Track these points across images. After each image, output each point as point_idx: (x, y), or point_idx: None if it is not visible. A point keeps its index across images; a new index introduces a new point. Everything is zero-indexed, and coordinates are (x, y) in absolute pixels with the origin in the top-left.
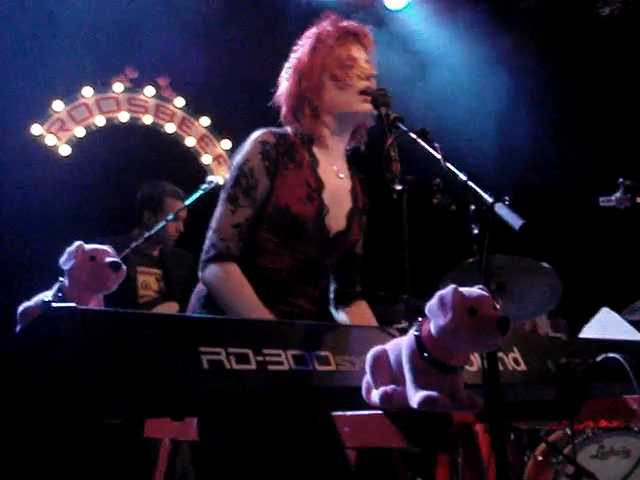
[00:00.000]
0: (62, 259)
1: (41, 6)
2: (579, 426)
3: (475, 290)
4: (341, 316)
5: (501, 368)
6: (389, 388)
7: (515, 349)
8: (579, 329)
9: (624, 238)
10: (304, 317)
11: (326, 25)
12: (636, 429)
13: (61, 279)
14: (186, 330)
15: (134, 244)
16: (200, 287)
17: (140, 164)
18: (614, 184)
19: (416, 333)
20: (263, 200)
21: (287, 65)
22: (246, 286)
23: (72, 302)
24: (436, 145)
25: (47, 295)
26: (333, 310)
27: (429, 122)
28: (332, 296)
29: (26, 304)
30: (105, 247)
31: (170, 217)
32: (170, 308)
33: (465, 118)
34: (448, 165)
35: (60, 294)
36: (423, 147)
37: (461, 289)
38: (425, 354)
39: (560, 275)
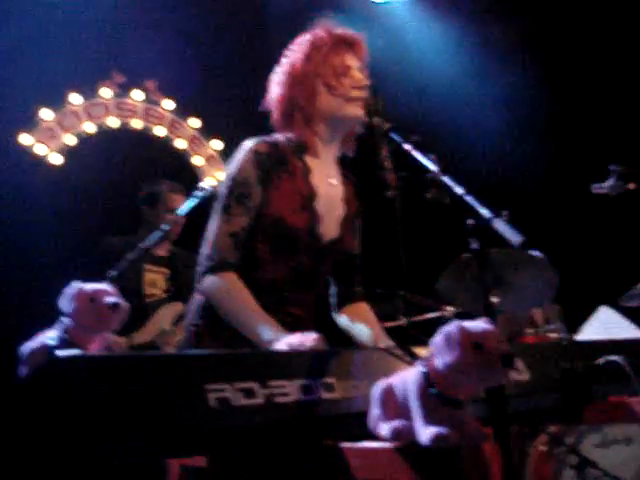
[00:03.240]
0: (62, 301)
1: (25, 14)
2: None
3: (480, 324)
4: (342, 319)
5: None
6: (398, 424)
7: (518, 358)
8: (575, 319)
9: (618, 225)
10: (299, 325)
11: (320, 32)
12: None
13: (62, 319)
14: (191, 368)
15: (147, 244)
16: (197, 298)
17: (132, 169)
18: (606, 171)
19: (423, 369)
20: (257, 210)
21: (278, 69)
22: (246, 294)
23: (76, 343)
24: (431, 156)
25: (50, 336)
26: (334, 313)
27: (417, 117)
28: (333, 300)
29: (30, 345)
30: (103, 286)
31: (181, 212)
32: (175, 309)
33: (454, 111)
34: (444, 178)
35: (64, 335)
36: (418, 159)
37: (466, 324)
38: (432, 390)
39: (556, 265)
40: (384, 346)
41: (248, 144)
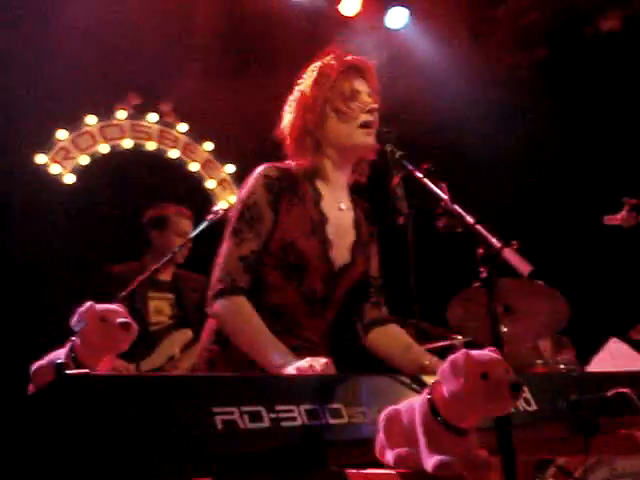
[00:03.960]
0: (73, 320)
1: (42, 37)
2: None
3: (486, 353)
4: (375, 344)
5: (512, 410)
6: (403, 451)
7: (525, 389)
8: (585, 351)
9: (630, 257)
10: (314, 350)
11: (329, 59)
12: None
13: (73, 338)
14: (199, 390)
15: (154, 267)
16: (210, 323)
17: (145, 190)
18: (619, 203)
19: (429, 396)
20: (268, 234)
21: (291, 98)
22: (256, 318)
23: (84, 363)
24: (442, 185)
25: (59, 355)
26: (365, 341)
27: (428, 143)
28: (360, 325)
29: (39, 363)
30: (115, 306)
31: (192, 234)
32: (184, 335)
33: (466, 138)
34: (455, 207)
35: (72, 354)
36: (429, 187)
37: (472, 353)
38: (438, 418)
39: (567, 296)
40: (428, 361)
41: (260, 169)
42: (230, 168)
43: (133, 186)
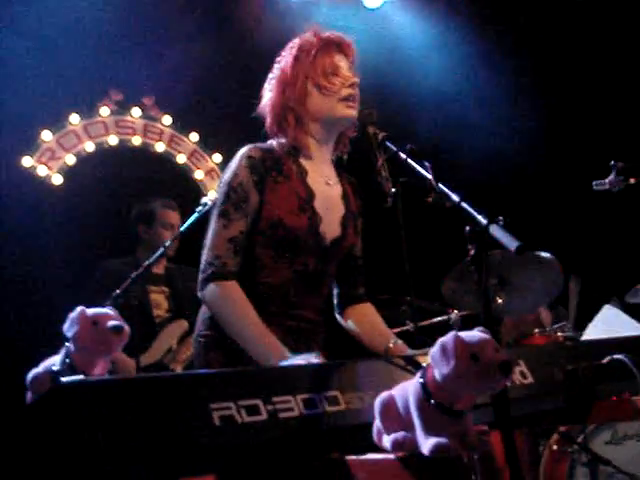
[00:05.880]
0: (65, 326)
1: (21, 37)
2: None
3: (476, 334)
4: (347, 322)
5: (508, 384)
6: (400, 435)
7: (521, 362)
8: (581, 319)
9: (621, 221)
10: (311, 330)
11: (308, 36)
12: None
13: (67, 344)
14: (195, 388)
15: (146, 263)
16: (204, 308)
17: (133, 186)
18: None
19: (421, 380)
20: (255, 214)
21: (270, 76)
22: (246, 305)
23: (80, 368)
24: (426, 164)
25: (55, 361)
26: (338, 316)
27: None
28: (336, 301)
29: (35, 371)
30: (106, 310)
31: (182, 227)
32: (180, 326)
33: (451, 112)
34: (440, 185)
35: (67, 360)
36: (413, 167)
37: (462, 334)
38: (432, 401)
39: (561, 264)
40: (392, 343)
41: (242, 151)
42: (217, 158)
43: (121, 182)
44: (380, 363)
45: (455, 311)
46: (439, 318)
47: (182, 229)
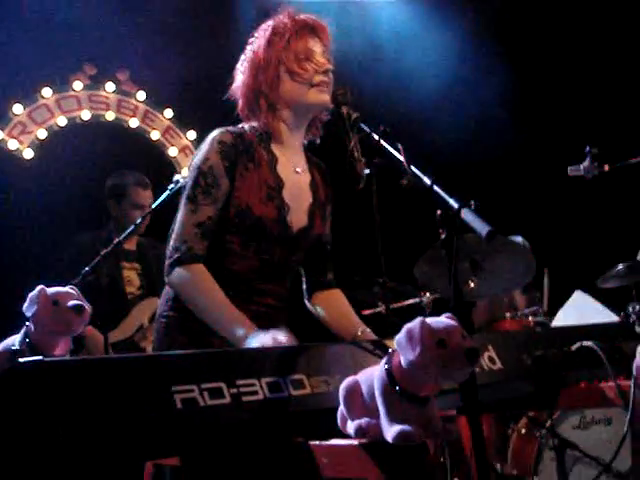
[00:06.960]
0: (25, 305)
1: None
2: None
3: (443, 320)
4: (316, 308)
5: (477, 369)
6: (363, 422)
7: (490, 347)
8: (553, 304)
9: (595, 207)
10: (275, 316)
11: (283, 18)
12: None
13: (27, 324)
14: (157, 370)
15: (116, 240)
16: (167, 289)
17: (106, 161)
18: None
19: (386, 366)
20: (224, 200)
21: (243, 57)
22: (215, 287)
23: (40, 348)
24: (399, 147)
25: (15, 340)
26: (307, 303)
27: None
28: (305, 287)
29: None
30: (67, 289)
31: (153, 205)
32: (152, 304)
33: (427, 98)
34: (412, 168)
35: (27, 339)
36: (386, 149)
37: (429, 320)
38: (397, 387)
39: (534, 249)
40: (361, 332)
41: (213, 134)
42: (192, 135)
43: (94, 158)
44: (347, 347)
45: (427, 294)
46: (411, 300)
47: (153, 206)
